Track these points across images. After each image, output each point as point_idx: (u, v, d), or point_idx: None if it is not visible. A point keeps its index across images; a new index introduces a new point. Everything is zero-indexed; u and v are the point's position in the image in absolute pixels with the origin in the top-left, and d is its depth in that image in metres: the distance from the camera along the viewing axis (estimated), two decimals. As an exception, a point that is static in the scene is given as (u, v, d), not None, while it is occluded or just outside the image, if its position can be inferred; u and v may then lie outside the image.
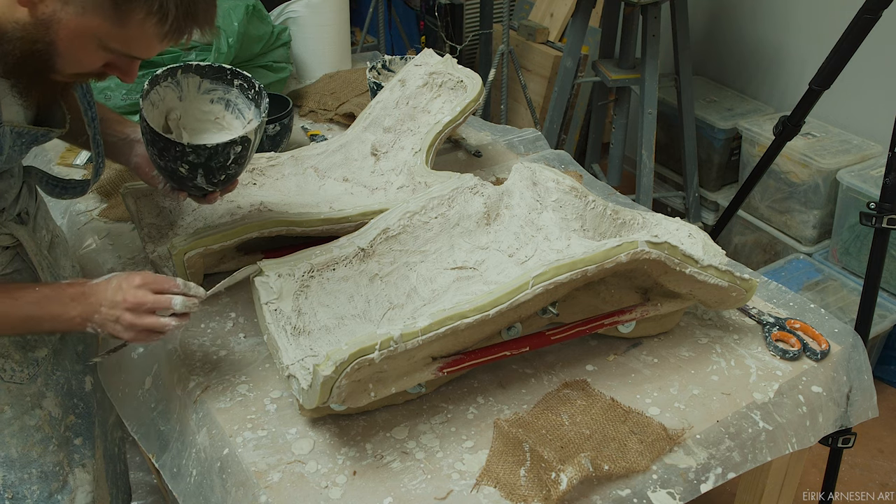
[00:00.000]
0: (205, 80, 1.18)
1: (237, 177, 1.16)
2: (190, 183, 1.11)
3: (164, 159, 1.08)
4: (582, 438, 0.97)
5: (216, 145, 1.06)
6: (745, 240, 2.71)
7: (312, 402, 0.94)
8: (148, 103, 1.11)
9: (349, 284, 1.10)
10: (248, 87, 1.18)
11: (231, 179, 1.15)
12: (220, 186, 1.15)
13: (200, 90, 1.18)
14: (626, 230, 1.21)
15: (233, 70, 1.18)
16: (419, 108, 1.49)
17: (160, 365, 1.17)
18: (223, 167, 1.09)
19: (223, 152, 1.08)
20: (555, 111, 2.62)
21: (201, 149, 1.06)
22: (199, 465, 1.03)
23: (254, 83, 1.17)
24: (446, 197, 1.18)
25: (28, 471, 1.14)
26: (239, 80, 1.18)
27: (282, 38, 1.86)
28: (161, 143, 1.06)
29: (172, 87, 1.16)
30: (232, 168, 1.11)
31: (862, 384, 1.18)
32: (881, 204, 1.52)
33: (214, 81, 1.18)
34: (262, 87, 1.16)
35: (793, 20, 2.63)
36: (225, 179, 1.13)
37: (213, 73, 1.17)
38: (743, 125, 2.60)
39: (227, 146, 1.07)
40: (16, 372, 1.13)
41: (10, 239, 1.09)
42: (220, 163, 1.08)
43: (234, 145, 1.08)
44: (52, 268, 1.16)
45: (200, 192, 1.14)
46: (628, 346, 1.17)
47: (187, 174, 1.09)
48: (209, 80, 1.18)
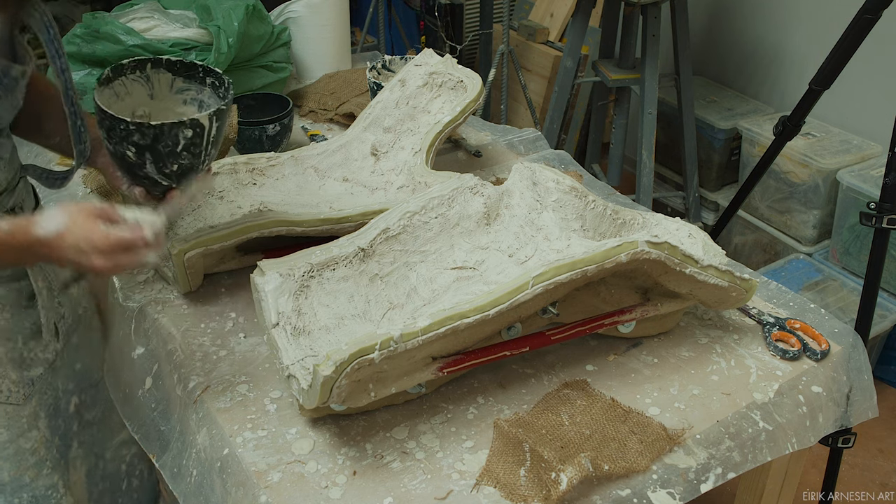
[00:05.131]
0: (177, 78, 1.13)
1: (196, 171, 1.08)
2: (140, 172, 1.05)
3: (112, 141, 1.02)
4: (582, 438, 0.97)
5: (161, 124, 1.00)
6: (745, 240, 2.71)
7: (312, 402, 0.94)
8: (110, 92, 1.06)
9: (349, 284, 1.10)
10: (220, 84, 1.12)
11: (187, 173, 1.07)
12: (175, 180, 1.07)
13: (173, 89, 1.13)
14: (626, 230, 1.21)
15: (204, 67, 1.13)
16: (419, 108, 1.49)
17: (160, 365, 1.17)
18: (173, 154, 1.03)
19: (170, 134, 1.01)
20: (555, 111, 2.62)
21: (146, 127, 1.00)
22: (200, 465, 1.03)
23: (223, 79, 1.11)
24: (446, 197, 1.18)
25: (19, 495, 1.11)
26: (211, 78, 1.13)
27: (282, 38, 1.86)
28: (108, 121, 1.01)
29: (142, 83, 1.11)
30: (185, 157, 1.04)
31: (862, 384, 1.18)
32: (881, 204, 1.52)
33: (187, 80, 1.13)
34: (230, 82, 1.11)
35: (793, 20, 2.63)
36: (179, 171, 1.06)
37: (184, 69, 1.12)
38: (743, 125, 2.60)
39: (175, 127, 1.01)
40: (12, 392, 1.09)
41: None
42: (169, 147, 1.02)
43: (184, 128, 1.01)
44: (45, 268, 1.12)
45: (154, 185, 1.07)
46: (628, 346, 1.17)
47: (136, 159, 1.03)
48: (182, 79, 1.13)
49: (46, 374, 1.14)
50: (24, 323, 1.10)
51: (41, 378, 1.13)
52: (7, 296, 1.07)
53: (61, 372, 1.17)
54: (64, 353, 1.17)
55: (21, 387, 1.10)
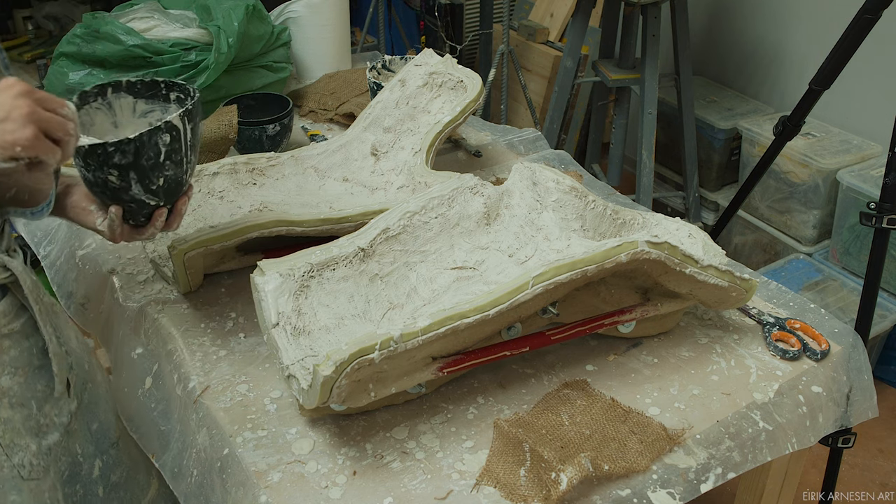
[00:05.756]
0: (139, 99, 1.06)
1: (182, 182, 1.02)
2: (127, 196, 0.98)
3: (91, 169, 0.95)
4: (582, 438, 0.97)
5: (139, 135, 0.94)
6: (745, 240, 2.71)
7: (312, 402, 0.94)
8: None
9: (349, 284, 1.10)
10: (185, 96, 1.06)
11: (174, 186, 1.01)
12: (164, 197, 1.00)
13: (136, 113, 1.07)
14: (626, 230, 1.21)
15: (166, 82, 1.06)
16: (419, 108, 1.49)
17: (160, 365, 1.17)
18: (157, 166, 0.97)
19: (150, 143, 0.95)
20: (555, 111, 2.62)
21: (124, 144, 0.93)
22: (200, 465, 1.03)
23: (188, 89, 1.05)
24: (446, 197, 1.18)
25: None
26: (175, 93, 1.06)
27: (282, 38, 1.86)
28: (83, 149, 0.94)
29: (104, 110, 1.04)
30: (168, 167, 0.98)
31: (862, 384, 1.18)
32: (881, 204, 1.52)
33: (150, 100, 1.06)
34: (196, 90, 1.04)
35: (793, 20, 2.63)
36: (166, 186, 0.99)
37: (146, 89, 1.06)
38: (743, 125, 2.60)
39: (153, 135, 0.95)
40: (34, 466, 0.99)
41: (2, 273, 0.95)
42: (152, 159, 0.96)
43: (161, 133, 0.95)
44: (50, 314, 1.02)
45: (141, 208, 1.00)
46: (628, 346, 1.17)
47: (120, 183, 0.96)
48: (144, 100, 1.06)
49: (63, 439, 1.04)
50: (37, 385, 1.01)
51: (58, 444, 1.03)
52: (19, 357, 0.99)
53: (78, 435, 1.07)
54: (78, 413, 1.08)
55: (40, 458, 1.01)
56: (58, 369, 1.02)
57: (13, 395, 0.98)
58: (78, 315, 1.38)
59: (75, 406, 1.06)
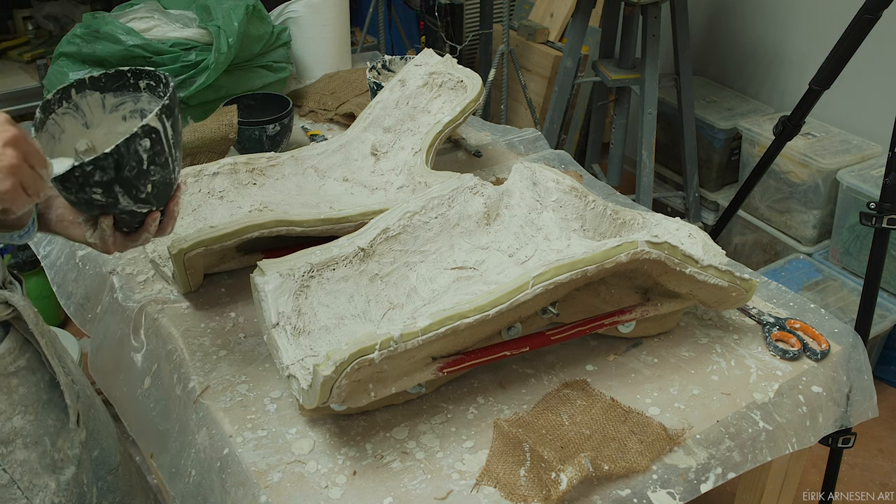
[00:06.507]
0: (107, 94, 0.99)
1: (171, 182, 0.95)
2: (116, 210, 0.91)
3: (72, 192, 0.88)
4: (582, 438, 0.97)
5: (117, 147, 0.86)
6: (745, 240, 2.71)
7: (312, 402, 0.94)
8: (47, 136, 0.93)
9: (349, 284, 1.10)
10: (157, 83, 0.98)
11: (164, 189, 0.94)
12: (156, 201, 0.94)
13: (107, 109, 0.99)
14: (626, 230, 1.21)
15: (133, 70, 0.99)
16: (419, 108, 1.49)
17: (160, 365, 1.17)
18: (142, 173, 0.89)
19: (130, 152, 0.87)
20: (555, 111, 2.62)
21: (102, 160, 0.85)
22: (199, 465, 1.03)
23: (159, 75, 0.97)
24: (446, 197, 1.18)
25: None
26: (145, 80, 0.98)
27: (282, 38, 1.86)
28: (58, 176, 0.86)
29: (72, 113, 0.97)
30: (154, 172, 0.90)
31: (862, 384, 1.18)
32: (881, 204, 1.51)
33: (119, 93, 0.99)
34: (167, 76, 0.96)
35: (793, 20, 2.63)
36: (154, 192, 0.92)
37: (112, 82, 0.99)
38: (743, 125, 2.60)
39: (130, 143, 0.87)
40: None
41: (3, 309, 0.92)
42: (135, 168, 0.88)
43: (139, 139, 0.87)
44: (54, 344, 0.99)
45: (133, 217, 0.94)
46: (628, 346, 1.17)
47: (106, 199, 0.89)
48: (112, 94, 0.99)
49: (77, 471, 1.01)
50: (48, 420, 0.99)
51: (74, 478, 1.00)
52: (28, 395, 0.97)
53: (85, 465, 1.05)
54: (87, 442, 1.06)
55: (60, 495, 0.97)
56: (70, 401, 1.00)
57: (27, 435, 0.95)
58: (77, 315, 1.38)
59: (84, 436, 1.04)
